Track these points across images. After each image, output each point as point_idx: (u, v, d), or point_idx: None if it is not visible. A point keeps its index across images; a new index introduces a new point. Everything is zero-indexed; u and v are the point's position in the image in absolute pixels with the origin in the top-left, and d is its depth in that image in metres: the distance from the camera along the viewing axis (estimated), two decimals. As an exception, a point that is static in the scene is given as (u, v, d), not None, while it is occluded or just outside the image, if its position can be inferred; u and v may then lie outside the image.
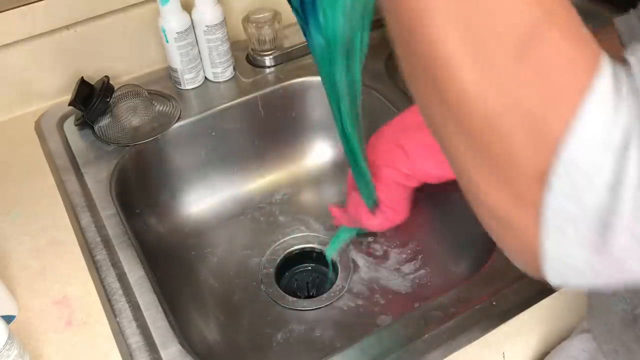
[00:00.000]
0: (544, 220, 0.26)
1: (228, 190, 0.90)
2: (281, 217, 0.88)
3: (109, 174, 0.75)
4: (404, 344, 0.55)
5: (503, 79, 0.25)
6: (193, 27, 0.81)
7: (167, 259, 0.80)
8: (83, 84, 0.79)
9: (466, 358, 0.55)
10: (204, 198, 0.88)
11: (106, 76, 0.80)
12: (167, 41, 0.80)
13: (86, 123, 0.80)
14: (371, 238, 0.84)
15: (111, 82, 0.80)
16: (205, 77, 0.87)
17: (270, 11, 0.86)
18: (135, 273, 0.63)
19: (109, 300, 0.60)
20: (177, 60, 0.82)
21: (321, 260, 0.83)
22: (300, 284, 0.84)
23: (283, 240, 0.85)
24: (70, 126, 0.81)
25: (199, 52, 0.84)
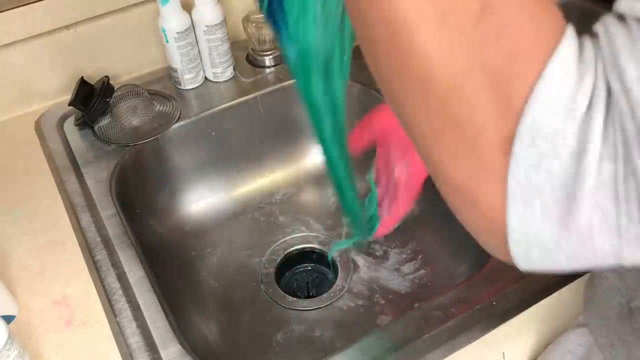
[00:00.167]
0: (510, 192, 0.25)
1: (228, 190, 0.90)
2: (281, 217, 0.88)
3: (109, 174, 0.75)
4: (404, 344, 0.55)
5: (465, 40, 0.24)
6: (193, 27, 0.81)
7: (167, 259, 0.80)
8: (83, 84, 0.79)
9: (466, 358, 0.55)
10: (204, 198, 0.89)
11: (106, 76, 0.80)
12: (167, 41, 0.80)
13: (86, 123, 0.80)
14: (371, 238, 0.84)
15: (111, 82, 0.80)
16: (205, 77, 0.87)
17: (270, 11, 0.86)
18: (135, 273, 0.63)
19: (109, 300, 0.60)
20: (177, 60, 0.82)
21: (321, 260, 0.83)
22: (300, 284, 0.85)
23: (283, 240, 0.85)
24: (70, 126, 0.81)
25: (199, 52, 0.84)
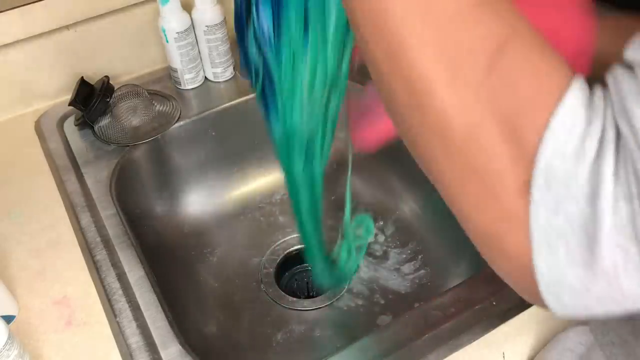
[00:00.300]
0: (533, 237, 0.26)
1: (228, 190, 0.90)
2: (281, 217, 0.88)
3: (109, 174, 0.75)
4: (404, 344, 0.55)
5: (476, 92, 0.26)
6: (193, 27, 0.81)
7: (167, 259, 0.80)
8: (83, 84, 0.79)
9: (466, 358, 0.55)
10: (204, 198, 0.88)
11: (106, 76, 0.80)
12: (167, 41, 0.80)
13: (86, 123, 0.80)
14: (371, 238, 0.84)
15: (111, 82, 0.80)
16: (205, 77, 0.87)
17: (270, 11, 0.86)
18: (135, 273, 0.63)
19: (109, 300, 0.60)
20: (177, 60, 0.82)
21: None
22: (300, 284, 0.84)
23: (283, 240, 0.85)
24: (70, 126, 0.81)
25: (199, 52, 0.84)
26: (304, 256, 0.65)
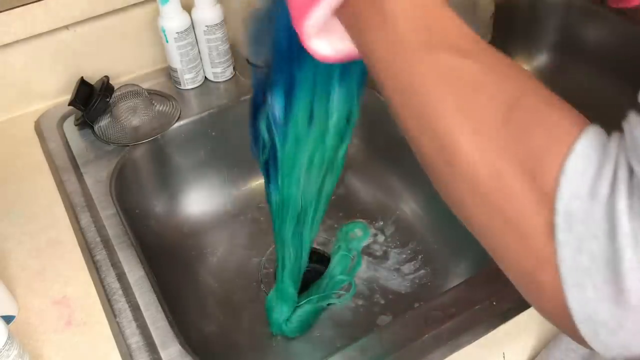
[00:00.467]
0: (563, 276, 0.27)
1: (228, 190, 0.90)
2: (281, 217, 0.88)
3: (109, 174, 0.75)
4: (404, 344, 0.55)
5: (497, 143, 0.28)
6: (193, 27, 0.81)
7: (167, 259, 0.80)
8: (83, 84, 0.79)
9: (466, 358, 0.55)
10: (204, 198, 0.88)
11: (106, 76, 0.80)
12: (167, 41, 0.80)
13: (86, 123, 0.80)
14: (371, 238, 0.84)
15: (111, 82, 0.80)
16: (205, 77, 0.87)
17: (270, 11, 0.86)
18: (135, 273, 0.63)
19: (109, 300, 0.60)
20: (177, 60, 0.82)
21: (321, 260, 0.83)
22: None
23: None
24: (70, 126, 0.81)
25: (199, 52, 0.84)
26: (275, 300, 0.70)
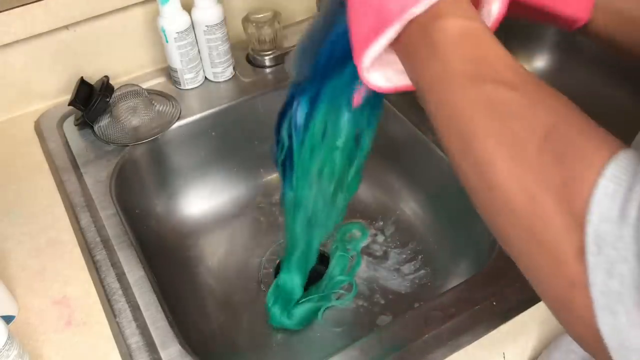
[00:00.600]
0: (594, 300, 0.27)
1: (228, 190, 0.90)
2: (281, 217, 0.88)
3: (109, 174, 0.75)
4: (404, 344, 0.55)
5: (531, 169, 0.30)
6: (193, 27, 0.81)
7: (167, 259, 0.80)
8: (83, 84, 0.79)
9: (466, 358, 0.55)
10: (204, 198, 0.88)
11: (106, 76, 0.80)
12: (167, 41, 0.80)
13: (86, 123, 0.80)
14: (370, 238, 0.84)
15: (111, 82, 0.80)
16: (205, 77, 0.87)
17: (270, 11, 0.86)
18: (135, 273, 0.63)
19: (109, 300, 0.60)
20: (177, 60, 0.82)
21: (321, 260, 0.83)
22: (300, 284, 0.84)
23: (283, 240, 0.85)
24: (70, 126, 0.81)
25: (199, 52, 0.84)
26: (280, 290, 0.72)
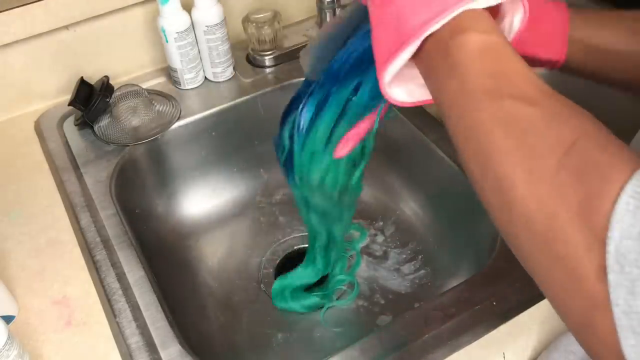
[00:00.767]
0: (616, 321, 0.26)
1: (228, 190, 0.90)
2: (281, 217, 0.88)
3: (109, 174, 0.75)
4: (404, 344, 0.55)
5: (550, 186, 0.29)
6: (193, 27, 0.81)
7: (167, 259, 0.80)
8: (83, 84, 0.79)
9: (466, 358, 0.55)
10: (204, 198, 0.88)
11: (106, 76, 0.80)
12: (167, 41, 0.80)
13: (86, 123, 0.79)
14: (369, 238, 0.84)
15: (111, 82, 0.80)
16: (205, 77, 0.87)
17: (270, 11, 0.86)
18: (135, 273, 0.63)
19: (109, 300, 0.60)
20: (177, 60, 0.82)
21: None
22: (300, 284, 0.84)
23: (283, 240, 0.85)
24: (70, 126, 0.81)
25: (199, 52, 0.84)
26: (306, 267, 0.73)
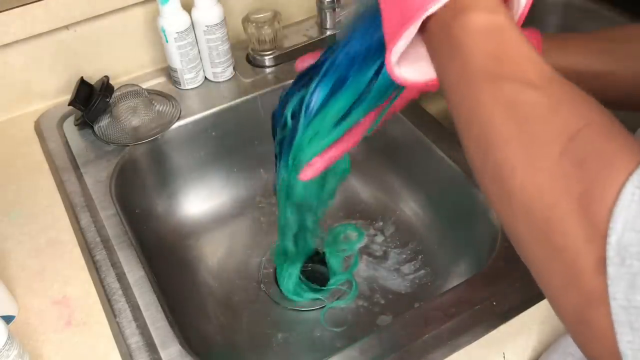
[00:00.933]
0: (614, 316, 0.25)
1: (228, 190, 0.90)
2: (281, 217, 0.88)
3: (109, 174, 0.75)
4: (404, 344, 0.55)
5: (551, 175, 0.28)
6: (193, 27, 0.81)
7: (167, 259, 0.80)
8: (83, 84, 0.79)
9: (466, 358, 0.55)
10: (204, 198, 0.88)
11: (106, 76, 0.80)
12: (167, 41, 0.80)
13: (86, 123, 0.79)
14: (366, 238, 0.84)
15: (111, 82, 0.80)
16: (205, 77, 0.87)
17: (270, 11, 0.86)
18: (135, 273, 0.63)
19: (109, 300, 0.60)
20: (177, 60, 0.82)
21: (321, 260, 0.83)
22: (300, 284, 0.84)
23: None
24: (70, 126, 0.81)
25: (199, 52, 0.84)
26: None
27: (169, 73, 0.86)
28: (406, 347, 0.55)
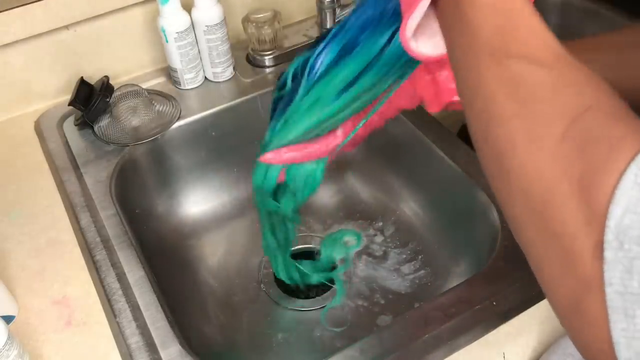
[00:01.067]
0: (609, 302, 0.24)
1: (228, 190, 0.90)
2: (281, 217, 0.88)
3: (109, 174, 0.75)
4: (404, 344, 0.55)
5: (551, 156, 0.28)
6: (193, 27, 0.81)
7: (167, 259, 0.80)
8: (83, 84, 0.79)
9: (466, 358, 0.55)
10: (204, 198, 0.88)
11: (106, 76, 0.80)
12: (167, 41, 0.80)
13: (86, 123, 0.79)
14: (365, 239, 0.84)
15: (111, 82, 0.80)
16: (205, 77, 0.87)
17: (270, 11, 0.86)
18: (135, 273, 0.63)
19: (109, 300, 0.60)
20: (177, 60, 0.82)
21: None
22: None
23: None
24: (70, 126, 0.81)
25: (199, 52, 0.84)
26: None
27: (169, 73, 0.86)
28: (406, 347, 0.55)
